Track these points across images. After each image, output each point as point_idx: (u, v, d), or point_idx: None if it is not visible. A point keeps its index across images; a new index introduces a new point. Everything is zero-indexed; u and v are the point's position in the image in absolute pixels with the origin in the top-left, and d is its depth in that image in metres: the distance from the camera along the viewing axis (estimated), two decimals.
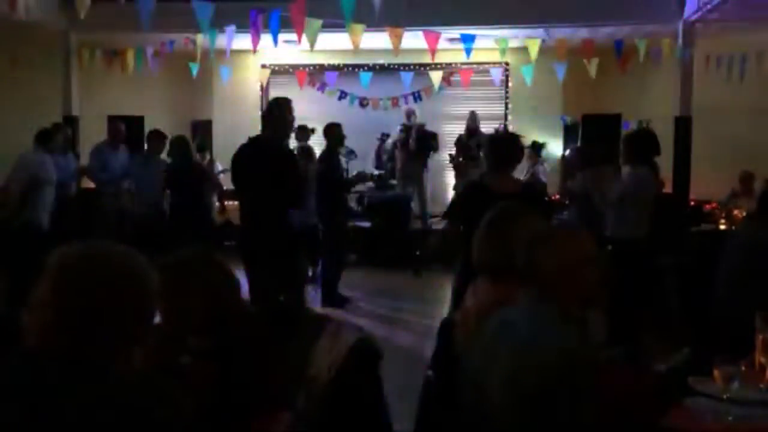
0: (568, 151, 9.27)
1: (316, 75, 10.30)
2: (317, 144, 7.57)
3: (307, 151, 7.32)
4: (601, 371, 2.02)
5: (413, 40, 7.18)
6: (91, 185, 8.10)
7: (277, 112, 4.66)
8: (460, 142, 9.16)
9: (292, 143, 6.83)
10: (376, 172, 9.57)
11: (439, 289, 6.83)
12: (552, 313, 1.98)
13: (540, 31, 8.35)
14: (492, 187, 3.90)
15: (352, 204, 8.96)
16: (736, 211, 6.83)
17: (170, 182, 6.87)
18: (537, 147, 8.84)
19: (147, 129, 8.69)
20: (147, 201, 7.23)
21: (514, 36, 8.27)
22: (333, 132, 6.90)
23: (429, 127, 9.39)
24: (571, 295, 1.99)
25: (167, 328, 2.01)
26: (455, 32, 7.64)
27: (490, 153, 4.14)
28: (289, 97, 4.83)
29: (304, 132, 7.65)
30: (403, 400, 2.66)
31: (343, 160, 7.89)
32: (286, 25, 6.25)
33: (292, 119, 4.77)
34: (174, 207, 6.95)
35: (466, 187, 4.59)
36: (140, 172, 7.32)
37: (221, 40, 7.16)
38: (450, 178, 9.99)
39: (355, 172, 7.66)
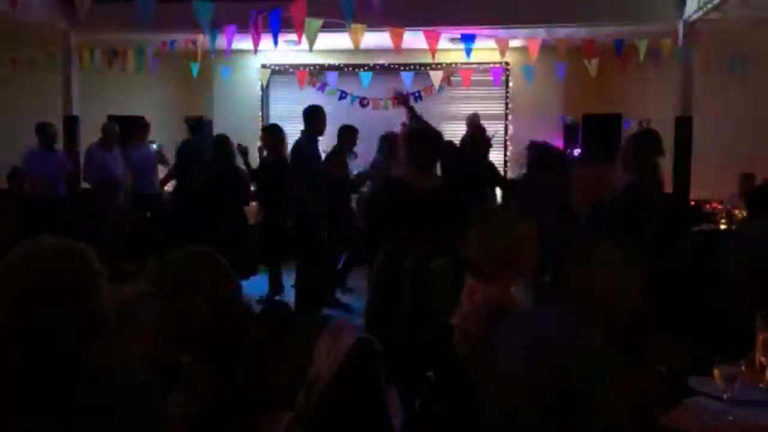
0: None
1: (316, 75, 10.29)
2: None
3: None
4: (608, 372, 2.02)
5: (413, 40, 7.18)
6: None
7: None
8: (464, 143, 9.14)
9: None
10: None
11: None
12: (575, 314, 1.99)
13: (540, 31, 8.35)
14: (413, 184, 3.80)
15: (353, 204, 8.95)
16: (736, 211, 6.83)
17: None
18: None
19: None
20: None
21: (514, 36, 8.26)
22: (348, 135, 6.93)
23: None
24: (599, 302, 2.01)
25: (167, 327, 2.01)
26: (455, 32, 7.64)
27: (410, 150, 4.01)
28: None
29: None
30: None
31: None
32: (286, 25, 6.25)
33: None
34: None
35: (385, 184, 4.38)
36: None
37: (221, 40, 7.16)
38: None
39: (355, 172, 7.66)
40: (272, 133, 7.05)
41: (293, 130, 7.19)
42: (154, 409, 1.55)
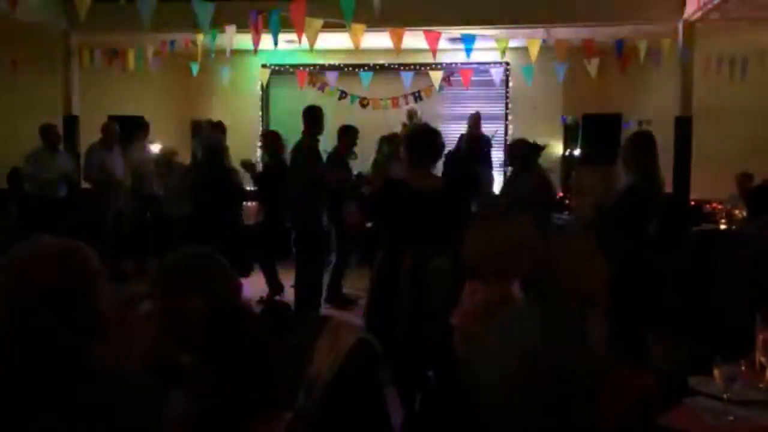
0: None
1: (316, 75, 10.30)
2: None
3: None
4: (601, 371, 2.02)
5: (413, 40, 7.18)
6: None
7: None
8: (461, 142, 9.16)
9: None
10: None
11: None
12: (560, 313, 1.98)
13: (540, 31, 8.35)
14: (411, 185, 3.78)
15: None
16: (736, 211, 6.83)
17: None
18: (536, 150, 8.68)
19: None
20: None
21: (514, 36, 8.27)
22: (349, 135, 6.94)
23: None
24: (577, 294, 2.00)
25: (167, 327, 2.01)
26: (455, 32, 7.65)
27: (409, 149, 3.99)
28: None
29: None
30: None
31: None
32: (286, 25, 6.25)
33: None
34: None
35: (385, 185, 4.38)
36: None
37: (221, 40, 7.15)
38: None
39: (356, 173, 7.66)
40: (271, 138, 7.16)
41: (293, 130, 7.20)
42: (153, 410, 1.55)
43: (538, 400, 1.86)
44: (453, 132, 9.67)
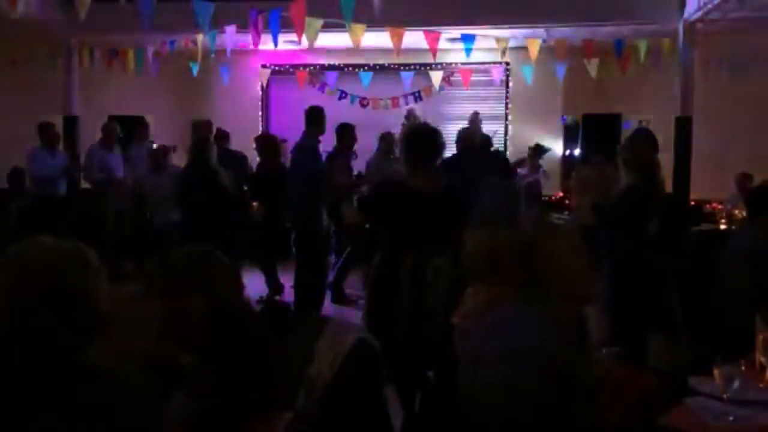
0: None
1: (316, 75, 10.29)
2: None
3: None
4: (601, 371, 2.02)
5: (413, 40, 7.18)
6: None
7: None
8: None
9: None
10: None
11: None
12: (546, 313, 1.98)
13: (540, 31, 8.35)
14: (411, 185, 3.74)
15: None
16: (736, 211, 6.83)
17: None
18: (540, 151, 8.63)
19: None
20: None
21: (514, 36, 8.27)
22: (347, 133, 6.94)
23: None
24: (563, 292, 2.00)
25: (167, 327, 2.01)
26: (455, 32, 7.64)
27: (407, 149, 3.90)
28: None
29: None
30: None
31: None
32: (286, 25, 6.25)
33: None
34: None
35: (383, 184, 4.26)
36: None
37: (221, 40, 7.15)
38: None
39: (356, 173, 7.66)
40: (265, 141, 7.17)
41: (293, 130, 7.20)
42: (153, 409, 1.55)
43: (538, 400, 1.87)
44: (453, 132, 9.66)
